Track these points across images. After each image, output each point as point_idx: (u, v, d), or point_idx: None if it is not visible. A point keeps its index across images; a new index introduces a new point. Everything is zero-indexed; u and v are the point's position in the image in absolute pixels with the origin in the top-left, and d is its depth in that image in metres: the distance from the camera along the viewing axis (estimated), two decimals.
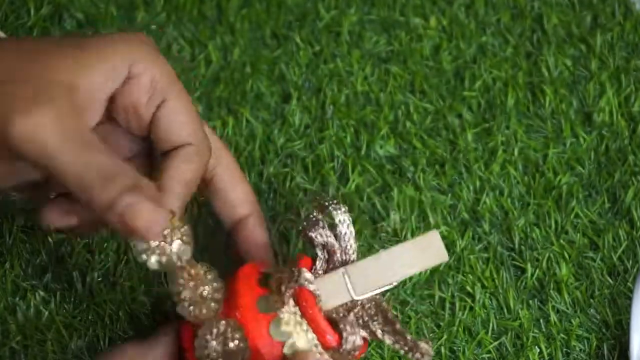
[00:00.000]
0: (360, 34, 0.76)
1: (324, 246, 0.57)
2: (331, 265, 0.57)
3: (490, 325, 0.65)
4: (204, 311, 0.54)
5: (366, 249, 0.67)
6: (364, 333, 0.56)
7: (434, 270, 0.66)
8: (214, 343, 0.54)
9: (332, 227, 0.57)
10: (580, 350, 0.64)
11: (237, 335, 0.54)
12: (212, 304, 0.54)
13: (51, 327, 0.63)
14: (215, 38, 0.74)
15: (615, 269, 0.67)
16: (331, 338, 0.55)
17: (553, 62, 0.75)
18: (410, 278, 0.66)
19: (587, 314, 0.66)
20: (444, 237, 0.68)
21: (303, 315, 0.55)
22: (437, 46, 0.76)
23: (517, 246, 0.68)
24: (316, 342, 0.56)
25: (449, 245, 0.67)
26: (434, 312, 0.65)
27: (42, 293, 0.64)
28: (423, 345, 0.55)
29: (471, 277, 0.66)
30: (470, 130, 0.72)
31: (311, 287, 0.55)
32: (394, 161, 0.71)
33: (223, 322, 0.54)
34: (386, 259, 0.56)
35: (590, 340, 0.65)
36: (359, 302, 0.56)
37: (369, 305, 0.56)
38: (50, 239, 0.66)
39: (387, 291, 0.57)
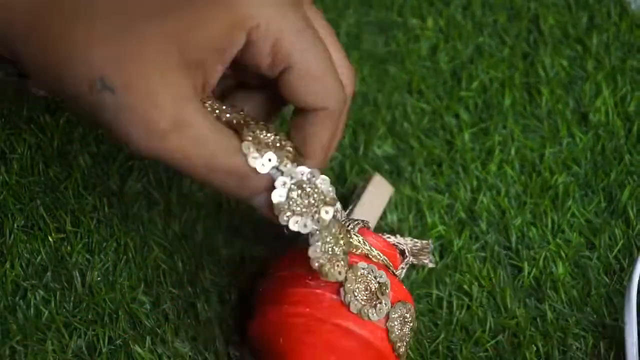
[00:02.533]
0: (358, 35, 0.76)
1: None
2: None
3: (488, 323, 0.65)
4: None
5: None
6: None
7: (431, 269, 0.67)
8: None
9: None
10: (577, 348, 0.65)
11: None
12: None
13: (51, 327, 0.63)
14: None
15: (612, 268, 0.67)
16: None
17: (549, 63, 0.75)
18: (408, 277, 0.66)
19: (584, 313, 0.66)
20: (441, 237, 0.68)
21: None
22: (434, 47, 0.76)
23: (514, 245, 0.68)
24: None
25: (446, 245, 0.67)
26: (431, 311, 0.66)
27: (42, 292, 0.64)
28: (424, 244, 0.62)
29: (468, 276, 0.66)
30: (467, 130, 0.72)
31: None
32: (391, 161, 0.71)
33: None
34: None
35: (586, 339, 0.65)
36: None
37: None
38: (50, 239, 0.66)
39: None
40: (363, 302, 0.57)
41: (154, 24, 0.49)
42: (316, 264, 0.54)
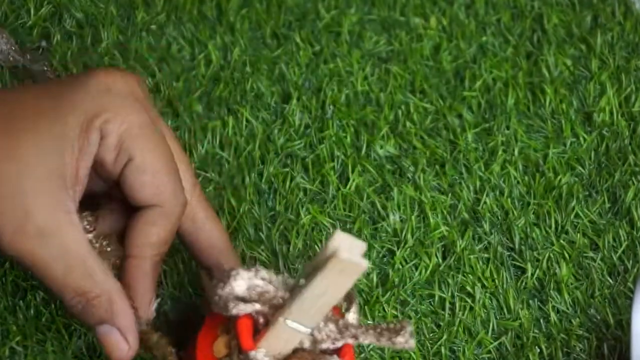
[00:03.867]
0: (360, 34, 0.76)
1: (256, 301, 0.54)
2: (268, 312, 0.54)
3: (491, 325, 0.65)
4: None
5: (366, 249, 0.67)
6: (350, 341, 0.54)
7: (434, 270, 0.66)
8: None
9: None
10: (581, 350, 0.64)
11: None
12: None
13: (51, 328, 0.63)
14: (215, 38, 0.74)
15: (616, 269, 0.67)
16: None
17: (553, 62, 0.75)
18: (411, 278, 0.66)
19: (587, 314, 0.66)
20: (444, 237, 0.68)
21: None
22: (437, 46, 0.76)
23: (517, 246, 0.68)
24: None
25: (449, 245, 0.67)
26: (434, 312, 0.65)
27: (42, 293, 0.64)
28: (403, 324, 0.53)
29: (471, 277, 0.66)
30: (470, 130, 0.72)
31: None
32: (394, 161, 0.71)
33: None
34: (312, 293, 0.51)
35: (590, 340, 0.65)
36: (316, 332, 0.54)
37: (327, 328, 0.54)
38: None
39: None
40: None
41: (22, 134, 0.53)
42: None
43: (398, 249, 0.67)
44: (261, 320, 0.53)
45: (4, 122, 0.54)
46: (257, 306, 0.53)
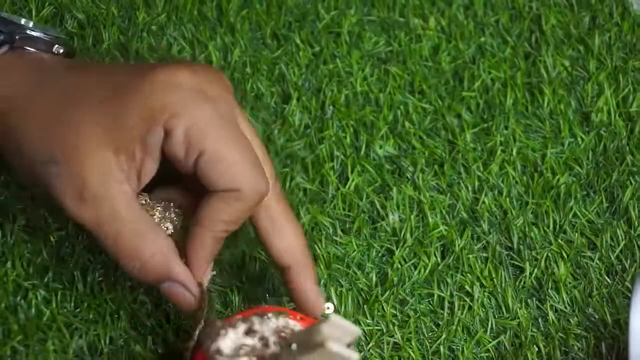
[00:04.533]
0: (359, 35, 0.76)
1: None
2: None
3: (489, 324, 0.65)
4: None
5: (365, 248, 0.67)
6: None
7: (433, 270, 0.66)
8: None
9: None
10: (579, 349, 0.65)
11: None
12: None
13: (52, 327, 0.63)
14: (216, 38, 0.74)
15: (613, 269, 0.67)
16: None
17: (551, 63, 0.75)
18: (410, 277, 0.66)
19: (585, 313, 0.66)
20: (443, 237, 0.68)
21: None
22: (436, 47, 0.76)
23: (515, 246, 0.68)
24: None
25: (448, 245, 0.67)
26: (433, 311, 0.66)
27: (43, 292, 0.64)
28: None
29: (470, 276, 0.66)
30: (469, 130, 0.72)
31: None
32: (393, 161, 0.71)
33: None
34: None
35: (588, 339, 0.65)
36: None
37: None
38: (51, 239, 0.66)
39: None
40: None
41: (85, 110, 0.56)
42: None
43: (397, 248, 0.67)
44: None
45: (67, 93, 0.58)
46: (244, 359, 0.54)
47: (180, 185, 0.60)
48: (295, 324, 0.56)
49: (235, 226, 0.58)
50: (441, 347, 0.64)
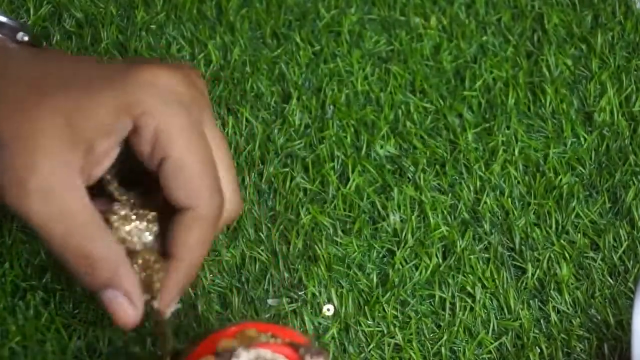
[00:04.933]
0: (360, 34, 0.76)
1: None
2: None
3: (491, 325, 0.65)
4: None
5: (366, 249, 0.67)
6: None
7: (434, 271, 0.66)
8: None
9: None
10: (581, 350, 0.64)
11: None
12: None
13: (51, 328, 0.63)
14: (215, 37, 0.74)
15: (616, 269, 0.67)
16: None
17: (554, 62, 0.75)
18: (411, 278, 0.66)
19: (588, 314, 0.66)
20: (444, 238, 0.68)
21: None
22: (437, 46, 0.76)
23: (517, 246, 0.68)
24: None
25: (450, 246, 0.67)
26: (435, 313, 0.65)
27: (41, 293, 0.64)
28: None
29: (472, 277, 0.66)
30: (470, 130, 0.72)
31: None
32: (394, 161, 0.71)
33: None
34: None
35: (590, 341, 0.65)
36: None
37: None
38: None
39: None
40: None
41: (48, 97, 0.53)
42: None
43: (398, 249, 0.67)
44: None
45: (35, 80, 0.55)
46: None
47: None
48: (267, 352, 0.55)
49: (204, 248, 0.57)
50: (442, 349, 0.64)
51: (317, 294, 0.65)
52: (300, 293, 0.65)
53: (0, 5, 0.73)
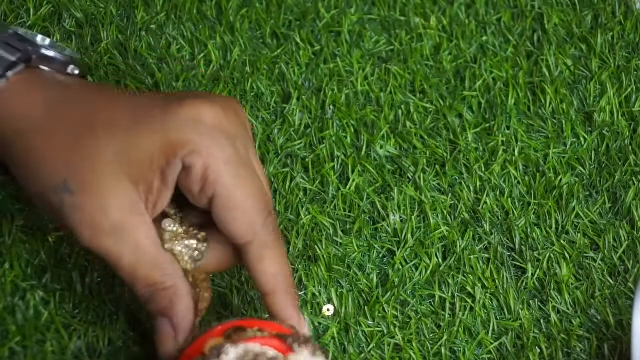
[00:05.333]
0: (360, 34, 0.76)
1: None
2: None
3: (491, 325, 0.65)
4: None
5: (366, 249, 0.67)
6: None
7: (434, 271, 0.66)
8: None
9: None
10: (581, 350, 0.64)
11: None
12: None
13: (51, 328, 0.63)
14: (215, 38, 0.74)
15: (616, 269, 0.67)
16: None
17: (554, 62, 0.75)
18: (411, 278, 0.66)
19: (588, 315, 0.66)
20: (444, 238, 0.68)
21: None
22: (437, 46, 0.76)
23: (517, 246, 0.68)
24: None
25: (450, 246, 0.67)
26: (435, 313, 0.65)
27: (41, 293, 0.64)
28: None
29: (472, 277, 0.66)
30: (470, 130, 0.72)
31: None
32: (394, 161, 0.71)
33: None
34: None
35: (590, 341, 0.65)
36: None
37: None
38: (50, 239, 0.66)
39: None
40: None
41: (104, 141, 0.56)
42: None
43: (398, 249, 0.67)
44: None
45: (86, 118, 0.57)
46: None
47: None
48: (255, 346, 0.55)
49: (283, 266, 0.59)
50: (443, 349, 0.64)
51: (317, 294, 0.65)
52: (300, 293, 0.65)
53: (0, 5, 0.73)
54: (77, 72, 0.62)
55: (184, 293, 0.57)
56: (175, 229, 0.58)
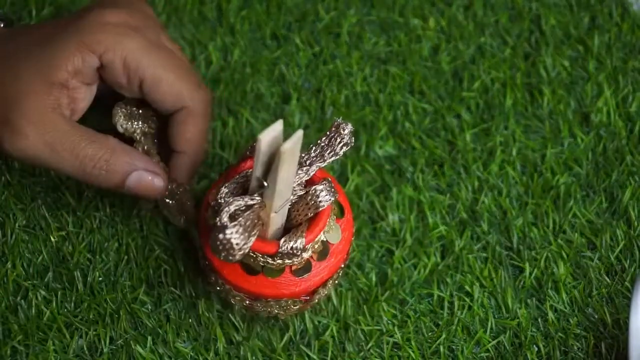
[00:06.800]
0: (359, 35, 0.76)
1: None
2: None
3: (489, 324, 0.65)
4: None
5: (365, 248, 0.67)
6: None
7: (433, 270, 0.67)
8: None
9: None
10: (578, 349, 0.65)
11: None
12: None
13: (52, 327, 0.63)
14: (216, 39, 0.74)
15: (613, 269, 0.67)
16: None
17: (551, 63, 0.75)
18: (409, 277, 0.66)
19: (585, 313, 0.66)
20: (443, 237, 0.68)
21: None
22: (435, 47, 0.76)
23: (515, 246, 0.68)
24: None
25: (448, 245, 0.67)
26: (433, 311, 0.66)
27: (43, 292, 0.64)
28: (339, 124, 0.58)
29: (470, 276, 0.66)
30: (468, 130, 0.72)
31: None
32: (393, 161, 0.71)
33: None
34: (281, 184, 0.56)
35: (587, 339, 0.65)
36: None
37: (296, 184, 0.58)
38: (52, 239, 0.66)
39: None
40: None
41: (24, 58, 0.61)
42: None
43: (397, 248, 0.67)
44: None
45: (9, 54, 0.62)
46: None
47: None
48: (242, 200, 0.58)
49: (203, 140, 0.64)
50: (441, 347, 0.64)
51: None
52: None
53: (3, 6, 0.74)
54: (2, 25, 0.66)
55: (130, 148, 0.61)
56: (128, 110, 0.64)
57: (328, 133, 0.58)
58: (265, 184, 0.55)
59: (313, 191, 0.57)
